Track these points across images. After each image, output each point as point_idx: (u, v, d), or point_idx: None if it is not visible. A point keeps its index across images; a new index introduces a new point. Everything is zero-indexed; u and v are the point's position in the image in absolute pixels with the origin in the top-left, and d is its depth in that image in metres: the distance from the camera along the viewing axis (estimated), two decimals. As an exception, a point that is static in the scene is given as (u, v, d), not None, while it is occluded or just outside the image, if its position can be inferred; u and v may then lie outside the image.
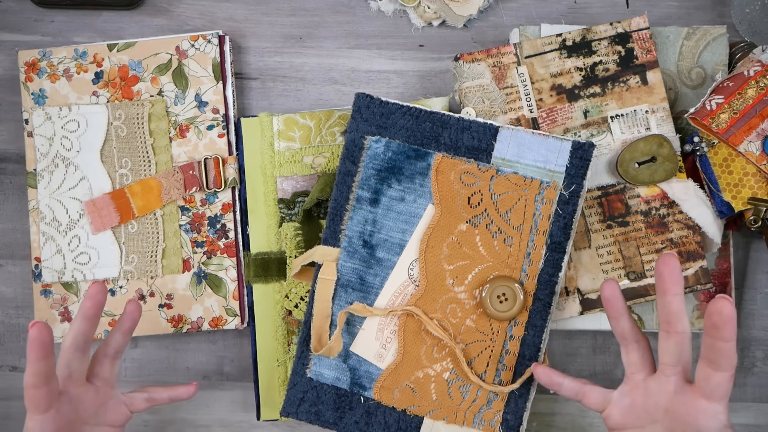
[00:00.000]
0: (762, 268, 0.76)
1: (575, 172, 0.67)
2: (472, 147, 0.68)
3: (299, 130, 0.74)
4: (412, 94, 0.77)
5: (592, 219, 0.71)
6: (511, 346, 0.67)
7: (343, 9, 0.78)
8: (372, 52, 0.78)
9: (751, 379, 0.76)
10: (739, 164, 0.69)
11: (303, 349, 0.69)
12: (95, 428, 0.63)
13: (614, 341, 0.76)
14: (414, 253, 0.68)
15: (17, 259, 0.78)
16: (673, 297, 0.57)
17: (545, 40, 0.72)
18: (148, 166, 0.75)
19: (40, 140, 0.75)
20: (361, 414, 0.68)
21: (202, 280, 0.74)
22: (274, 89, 0.78)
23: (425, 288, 0.68)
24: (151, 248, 0.74)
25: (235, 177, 0.74)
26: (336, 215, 0.69)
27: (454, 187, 0.68)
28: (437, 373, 0.68)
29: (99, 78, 0.75)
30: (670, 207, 0.71)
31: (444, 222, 0.68)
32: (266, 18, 0.78)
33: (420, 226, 0.68)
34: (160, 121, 0.75)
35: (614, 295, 0.60)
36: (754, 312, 0.76)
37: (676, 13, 0.77)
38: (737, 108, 0.68)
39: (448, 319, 0.68)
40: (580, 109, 0.72)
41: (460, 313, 0.68)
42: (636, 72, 0.72)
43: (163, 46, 0.75)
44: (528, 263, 0.67)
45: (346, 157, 0.69)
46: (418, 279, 0.68)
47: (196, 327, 0.74)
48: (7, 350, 0.78)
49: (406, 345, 0.68)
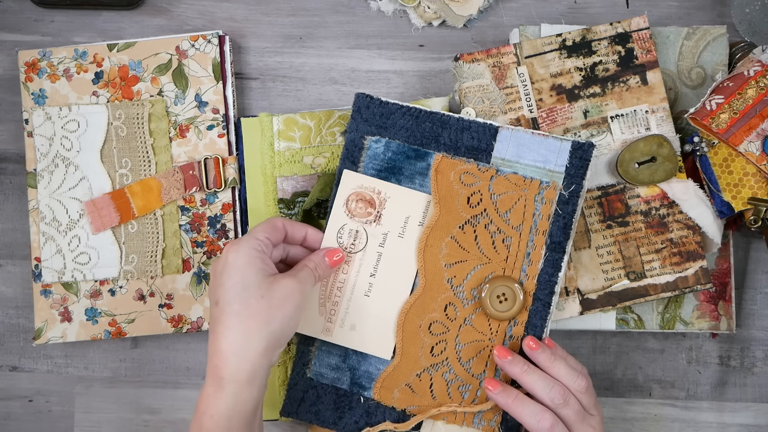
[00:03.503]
0: (762, 268, 0.76)
1: (575, 172, 0.67)
2: (472, 147, 0.68)
3: (299, 130, 0.74)
4: (412, 94, 0.77)
5: (592, 219, 0.71)
6: (510, 346, 0.67)
7: (343, 9, 0.78)
8: (372, 52, 0.78)
9: (751, 379, 0.76)
10: (739, 164, 0.69)
11: (303, 349, 0.69)
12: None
13: (614, 341, 0.76)
14: (343, 218, 0.68)
15: (17, 259, 0.78)
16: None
17: (545, 40, 0.72)
18: (148, 166, 0.75)
19: (40, 140, 0.75)
20: (361, 414, 0.68)
21: (202, 280, 0.74)
22: (274, 89, 0.78)
23: (424, 287, 0.68)
24: (151, 248, 0.74)
25: (235, 177, 0.74)
26: (336, 215, 0.69)
27: (453, 187, 0.68)
28: (436, 373, 0.68)
29: (99, 78, 0.75)
30: (670, 207, 0.71)
31: (443, 221, 0.68)
32: (266, 18, 0.78)
33: (340, 193, 0.69)
34: (160, 121, 0.75)
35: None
36: (754, 312, 0.76)
37: (676, 13, 0.77)
38: (737, 108, 0.68)
39: (446, 318, 0.68)
40: (580, 109, 0.72)
41: (459, 312, 0.68)
42: (636, 72, 0.72)
43: (163, 46, 0.75)
44: (528, 263, 0.67)
45: (346, 157, 0.69)
46: (350, 246, 0.68)
47: (196, 327, 0.74)
48: (7, 350, 0.78)
49: (405, 346, 0.68)
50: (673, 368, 0.76)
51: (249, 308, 0.59)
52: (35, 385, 0.78)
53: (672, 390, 0.76)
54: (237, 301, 0.59)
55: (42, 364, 0.78)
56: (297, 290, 0.61)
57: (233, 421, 0.59)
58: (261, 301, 0.59)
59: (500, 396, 0.64)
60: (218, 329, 0.59)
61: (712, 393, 0.76)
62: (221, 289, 0.60)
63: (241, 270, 0.60)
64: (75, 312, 0.74)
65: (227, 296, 0.59)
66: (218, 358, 0.59)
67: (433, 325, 0.68)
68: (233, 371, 0.58)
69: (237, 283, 0.59)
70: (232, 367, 0.58)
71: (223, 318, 0.59)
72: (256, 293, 0.59)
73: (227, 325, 0.59)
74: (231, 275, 0.60)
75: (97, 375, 0.77)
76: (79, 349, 0.77)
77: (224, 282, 0.60)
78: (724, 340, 0.76)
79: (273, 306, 0.60)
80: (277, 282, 0.61)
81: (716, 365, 0.76)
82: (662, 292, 0.70)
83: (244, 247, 0.61)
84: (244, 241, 0.61)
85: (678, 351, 0.76)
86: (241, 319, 0.59)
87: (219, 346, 0.59)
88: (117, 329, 0.74)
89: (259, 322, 0.59)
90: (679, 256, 0.70)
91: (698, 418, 0.76)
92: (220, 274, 0.60)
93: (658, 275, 0.70)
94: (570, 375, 0.64)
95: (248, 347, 0.58)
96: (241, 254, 0.60)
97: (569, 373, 0.64)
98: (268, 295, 0.60)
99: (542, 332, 0.67)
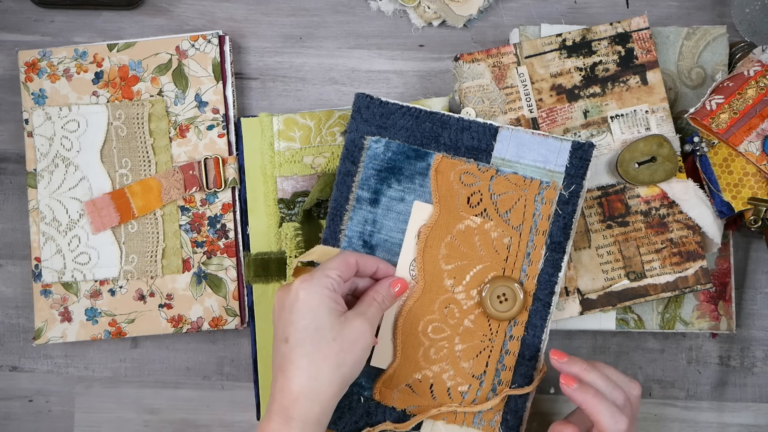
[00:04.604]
0: (762, 268, 0.76)
1: (575, 172, 0.67)
2: (472, 147, 0.68)
3: (299, 130, 0.74)
4: (412, 94, 0.77)
5: (592, 219, 0.71)
6: (511, 346, 0.67)
7: (343, 9, 0.78)
8: (372, 52, 0.78)
9: (751, 379, 0.76)
10: (739, 164, 0.69)
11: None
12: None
13: (614, 341, 0.76)
14: (412, 253, 0.68)
15: (17, 259, 0.78)
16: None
17: (545, 40, 0.72)
18: (148, 166, 0.75)
19: (40, 140, 0.75)
20: (361, 414, 0.68)
21: (202, 280, 0.74)
22: (274, 89, 0.78)
23: (423, 288, 0.68)
24: (151, 248, 0.74)
25: (235, 177, 0.74)
26: (336, 215, 0.69)
27: (453, 187, 0.68)
28: (436, 374, 0.68)
29: (99, 78, 0.75)
30: (670, 207, 0.71)
31: (443, 222, 0.68)
32: (266, 18, 0.78)
33: (411, 225, 0.68)
34: (160, 121, 0.75)
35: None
36: (754, 312, 0.76)
37: (676, 13, 0.77)
38: (737, 108, 0.68)
39: (446, 319, 0.68)
40: (580, 109, 0.72)
41: (459, 313, 0.68)
42: (636, 72, 0.72)
43: (163, 46, 0.75)
44: (528, 263, 0.67)
45: (346, 157, 0.69)
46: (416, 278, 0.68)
47: (196, 327, 0.74)
48: (7, 350, 0.78)
49: (404, 347, 0.68)
50: (673, 368, 0.76)
51: (321, 351, 0.59)
52: (35, 385, 0.78)
53: (672, 390, 0.76)
54: (309, 342, 0.59)
55: (42, 364, 0.78)
56: (368, 332, 0.61)
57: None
58: (333, 344, 0.59)
59: (577, 393, 0.61)
60: (289, 369, 0.59)
61: (712, 393, 0.76)
62: (291, 327, 0.60)
63: (313, 311, 0.60)
64: (75, 312, 0.74)
65: (299, 336, 0.59)
66: (288, 399, 0.59)
67: (432, 326, 0.68)
68: (303, 412, 0.59)
69: (309, 325, 0.59)
70: (302, 408, 0.59)
71: (294, 358, 0.59)
72: (328, 336, 0.59)
73: (298, 366, 0.59)
74: (304, 315, 0.59)
75: (97, 375, 0.77)
76: (79, 349, 0.77)
77: (295, 321, 0.59)
78: (724, 340, 0.76)
79: (344, 349, 0.60)
80: (349, 324, 0.61)
81: (716, 365, 0.76)
82: (662, 292, 0.70)
83: (316, 286, 0.60)
84: (317, 279, 0.61)
85: (678, 351, 0.76)
86: (312, 362, 0.59)
87: (290, 387, 0.59)
88: (117, 329, 0.74)
89: (330, 365, 0.59)
90: (679, 256, 0.70)
91: (698, 418, 0.76)
92: (290, 310, 0.60)
93: (658, 275, 0.70)
94: (624, 380, 0.63)
95: (319, 390, 0.59)
96: (314, 293, 0.60)
97: (622, 377, 0.63)
98: (340, 338, 0.60)
99: (542, 332, 0.67)
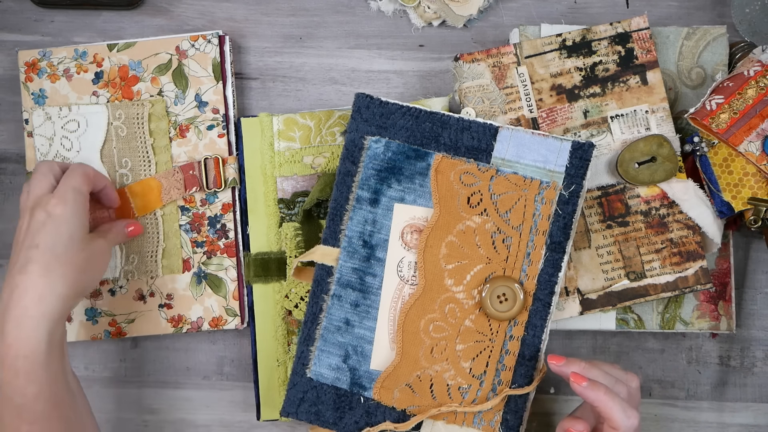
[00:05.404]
0: (762, 268, 0.76)
1: (575, 172, 0.67)
2: (472, 147, 0.68)
3: (299, 130, 0.74)
4: (412, 94, 0.77)
5: (592, 219, 0.71)
6: (511, 346, 0.67)
7: (343, 9, 0.78)
8: (372, 52, 0.78)
9: (751, 379, 0.76)
10: (739, 164, 0.69)
11: (303, 349, 0.69)
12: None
13: (614, 341, 0.76)
14: (401, 251, 0.68)
15: (17, 259, 0.78)
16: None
17: (545, 40, 0.72)
18: (148, 166, 0.75)
19: (40, 140, 0.75)
20: (361, 414, 0.68)
21: (202, 280, 0.74)
22: (274, 89, 0.78)
23: (423, 288, 0.68)
24: (151, 248, 0.74)
25: (235, 177, 0.74)
26: (336, 215, 0.69)
27: (453, 187, 0.68)
28: (436, 374, 0.68)
29: (99, 78, 0.75)
30: (670, 207, 0.71)
31: (443, 222, 0.68)
32: (266, 18, 0.78)
33: (394, 227, 0.68)
34: (160, 121, 0.75)
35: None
36: (754, 312, 0.76)
37: (676, 13, 0.77)
38: (737, 108, 0.68)
39: (446, 319, 0.68)
40: (580, 109, 0.72)
41: (459, 313, 0.68)
42: (636, 72, 0.72)
43: (163, 46, 0.75)
44: (528, 263, 0.67)
45: (346, 157, 0.69)
46: (411, 278, 0.68)
47: (196, 327, 0.74)
48: (7, 350, 0.78)
49: (405, 346, 0.68)
50: (673, 368, 0.76)
51: (69, 256, 0.65)
52: (35, 385, 0.78)
53: (672, 390, 0.76)
54: (60, 247, 0.65)
55: (42, 364, 0.78)
56: (108, 252, 0.70)
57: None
58: (81, 254, 0.66)
59: (589, 390, 0.61)
60: (34, 270, 0.64)
61: (712, 393, 0.76)
62: (44, 235, 0.65)
63: (68, 223, 0.66)
64: (75, 312, 0.74)
65: (50, 241, 0.65)
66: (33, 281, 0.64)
67: (433, 325, 0.68)
68: (50, 291, 0.64)
69: (64, 233, 0.65)
70: (47, 293, 0.64)
71: (43, 259, 0.64)
72: (78, 246, 0.66)
73: (44, 266, 0.64)
74: (59, 226, 0.65)
75: (97, 375, 0.77)
76: (79, 349, 0.77)
77: (49, 231, 0.65)
78: (724, 340, 0.76)
79: (89, 259, 0.67)
80: (94, 241, 0.68)
81: (716, 365, 0.76)
82: (662, 292, 0.70)
83: (71, 204, 0.66)
84: (71, 197, 0.66)
85: (678, 351, 0.76)
86: (61, 263, 0.65)
87: (34, 280, 0.64)
88: (117, 329, 0.74)
89: (75, 270, 0.65)
90: (679, 256, 0.70)
91: (698, 418, 0.76)
92: (43, 222, 0.65)
93: (658, 275, 0.70)
94: (621, 374, 0.64)
95: (61, 285, 0.65)
96: (69, 209, 0.66)
97: (619, 371, 0.64)
98: (89, 249, 0.67)
99: (542, 332, 0.67)
